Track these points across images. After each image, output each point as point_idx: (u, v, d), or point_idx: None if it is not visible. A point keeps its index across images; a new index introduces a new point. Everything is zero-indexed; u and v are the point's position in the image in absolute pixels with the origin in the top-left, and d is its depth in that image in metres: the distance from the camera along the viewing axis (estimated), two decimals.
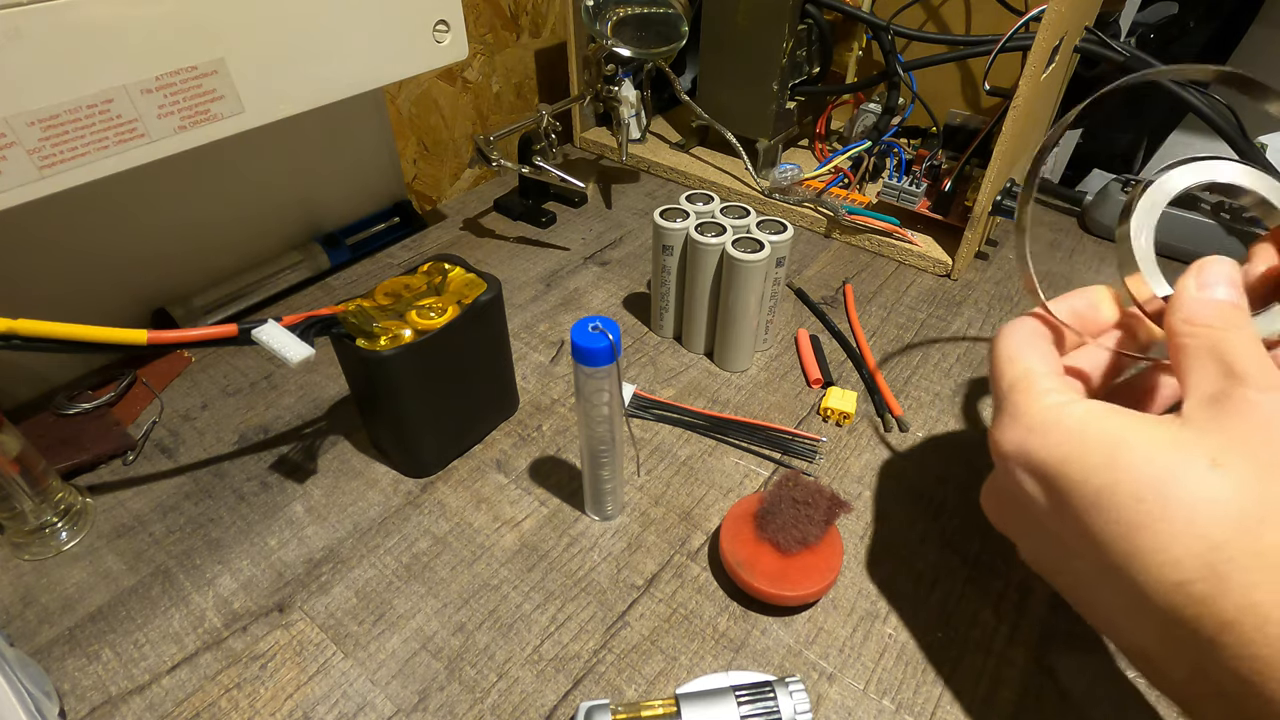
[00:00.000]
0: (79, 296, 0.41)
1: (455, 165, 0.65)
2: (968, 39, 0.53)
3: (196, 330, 0.28)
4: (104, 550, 0.33)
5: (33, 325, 0.25)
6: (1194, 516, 0.19)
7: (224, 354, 0.44)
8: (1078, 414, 0.22)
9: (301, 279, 0.50)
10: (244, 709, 0.27)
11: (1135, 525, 0.20)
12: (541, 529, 0.34)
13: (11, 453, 0.30)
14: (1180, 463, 0.20)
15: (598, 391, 0.28)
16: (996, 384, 0.26)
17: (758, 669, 0.29)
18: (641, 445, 0.38)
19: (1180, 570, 0.19)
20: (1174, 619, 0.19)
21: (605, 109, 0.59)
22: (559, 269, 0.52)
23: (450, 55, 0.44)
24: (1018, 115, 0.44)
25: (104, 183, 0.31)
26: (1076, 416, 0.22)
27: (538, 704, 0.27)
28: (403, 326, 0.31)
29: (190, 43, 0.32)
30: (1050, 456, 0.22)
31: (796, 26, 0.55)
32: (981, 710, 0.27)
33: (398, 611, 0.30)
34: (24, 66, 0.28)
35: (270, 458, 0.37)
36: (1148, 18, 0.59)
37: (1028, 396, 0.24)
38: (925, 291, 0.50)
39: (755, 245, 0.38)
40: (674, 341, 0.45)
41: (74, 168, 0.30)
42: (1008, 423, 0.24)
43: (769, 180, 0.59)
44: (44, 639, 0.29)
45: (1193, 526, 0.19)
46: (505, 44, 0.64)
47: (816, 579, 0.29)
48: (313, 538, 0.33)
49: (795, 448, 0.38)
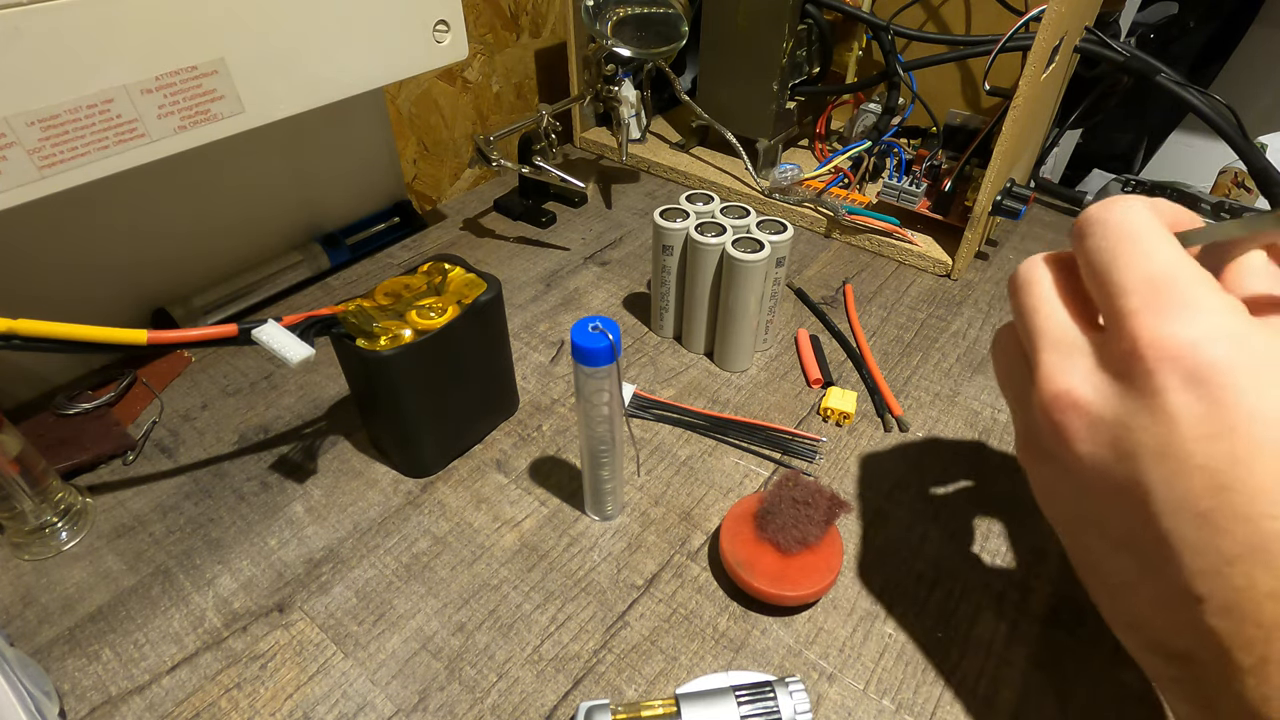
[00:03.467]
0: (79, 296, 0.41)
1: (455, 165, 0.65)
2: (968, 39, 0.53)
3: (196, 330, 0.28)
4: (104, 550, 0.33)
5: (33, 325, 0.25)
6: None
7: (224, 354, 0.44)
8: (1271, 334, 0.18)
9: (301, 279, 0.50)
10: (244, 709, 0.27)
11: None
12: (541, 529, 0.34)
13: (11, 453, 0.30)
14: None
15: (598, 391, 0.28)
16: (1134, 265, 0.20)
17: (758, 669, 0.29)
18: (641, 445, 0.38)
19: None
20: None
21: (605, 109, 0.59)
22: (559, 269, 0.52)
23: (450, 55, 0.44)
24: (1018, 115, 0.44)
25: (104, 183, 0.31)
26: (1272, 336, 0.18)
27: (538, 704, 0.27)
28: (403, 326, 0.31)
29: (190, 43, 0.32)
30: (1238, 367, 0.18)
31: (796, 26, 0.55)
32: (981, 710, 0.27)
33: (398, 611, 0.31)
34: (24, 66, 0.28)
35: (270, 458, 0.37)
36: (1148, 18, 0.59)
37: (1209, 293, 0.19)
38: (925, 291, 0.50)
39: (755, 245, 0.38)
40: (674, 341, 0.45)
41: (74, 168, 0.30)
42: (1176, 314, 0.18)
43: (769, 180, 0.59)
44: (44, 639, 0.29)
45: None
46: (505, 44, 0.64)
47: (816, 579, 0.29)
48: (313, 538, 0.33)
49: (795, 448, 0.38)
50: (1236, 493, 0.18)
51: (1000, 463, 0.37)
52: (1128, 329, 0.19)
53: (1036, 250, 0.25)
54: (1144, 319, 0.19)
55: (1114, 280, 0.20)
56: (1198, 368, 0.18)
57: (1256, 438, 0.18)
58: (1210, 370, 0.18)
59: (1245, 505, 0.18)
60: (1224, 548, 0.18)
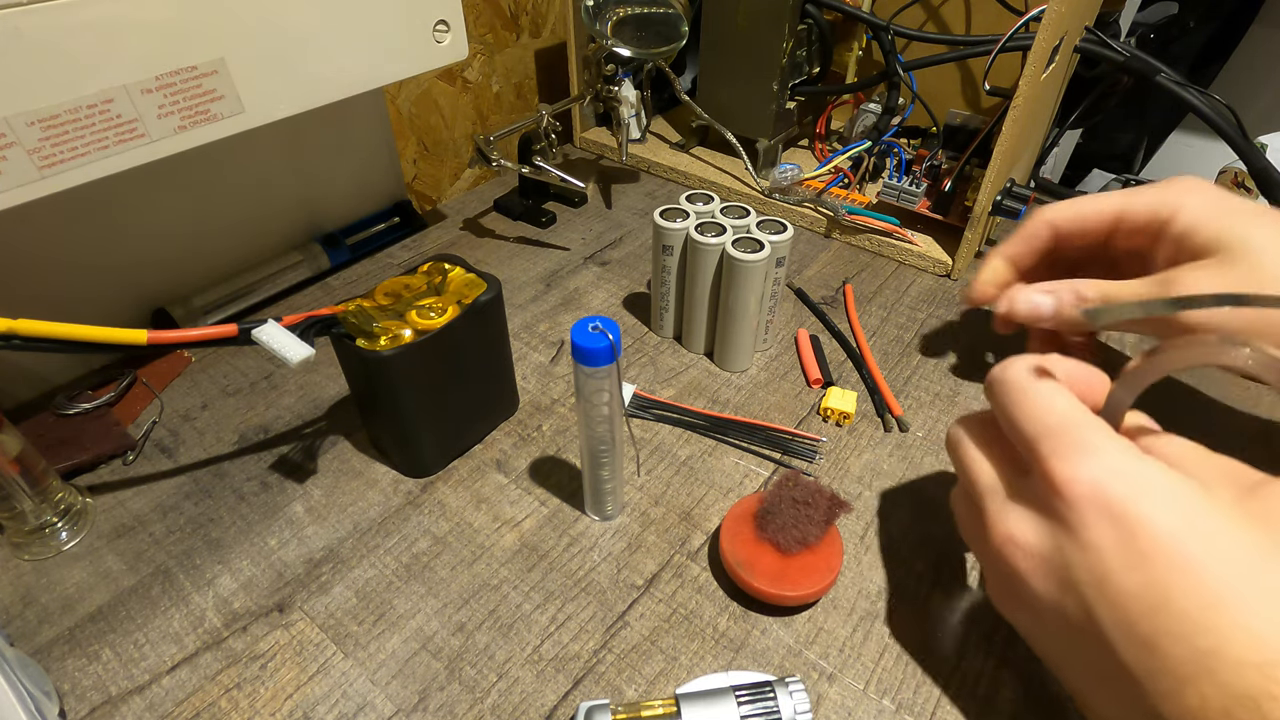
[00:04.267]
0: (79, 296, 0.41)
1: (455, 165, 0.65)
2: (968, 39, 0.53)
3: (196, 330, 0.28)
4: (104, 550, 0.33)
5: (33, 325, 0.25)
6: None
7: (224, 354, 0.44)
8: (1161, 469, 0.21)
9: (301, 279, 0.50)
10: (244, 709, 0.27)
11: (1214, 604, 0.19)
12: (541, 529, 0.34)
13: (11, 453, 0.30)
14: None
15: (598, 391, 0.28)
16: (1033, 418, 0.23)
17: (758, 669, 0.29)
18: (641, 445, 0.38)
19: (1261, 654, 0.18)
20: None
21: (605, 109, 0.59)
22: (559, 269, 0.52)
23: (450, 55, 0.44)
24: (1018, 115, 0.44)
25: (104, 183, 0.31)
26: (1162, 471, 0.21)
27: (538, 704, 0.27)
28: (403, 326, 0.31)
29: (190, 43, 0.32)
30: (1139, 498, 0.20)
31: (796, 26, 0.55)
32: (981, 710, 0.27)
33: (398, 611, 0.30)
34: (24, 66, 0.28)
35: (270, 458, 0.37)
36: (1148, 18, 0.59)
37: (1099, 434, 0.22)
38: (925, 291, 0.50)
39: (755, 245, 0.38)
40: (674, 341, 0.45)
41: (74, 168, 0.30)
42: (1079, 457, 0.21)
43: (769, 180, 0.59)
44: (44, 639, 0.29)
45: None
46: (505, 44, 0.64)
47: (816, 579, 0.29)
48: (313, 538, 0.33)
49: (795, 448, 0.38)
50: (1167, 614, 0.19)
51: None
52: (1044, 471, 0.22)
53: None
54: (1054, 463, 0.22)
55: (1023, 431, 0.23)
56: (1108, 503, 0.20)
57: (1166, 561, 0.19)
58: (1120, 505, 0.20)
59: (1177, 625, 0.19)
60: (1173, 670, 0.19)
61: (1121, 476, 0.21)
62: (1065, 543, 0.21)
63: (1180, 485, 0.20)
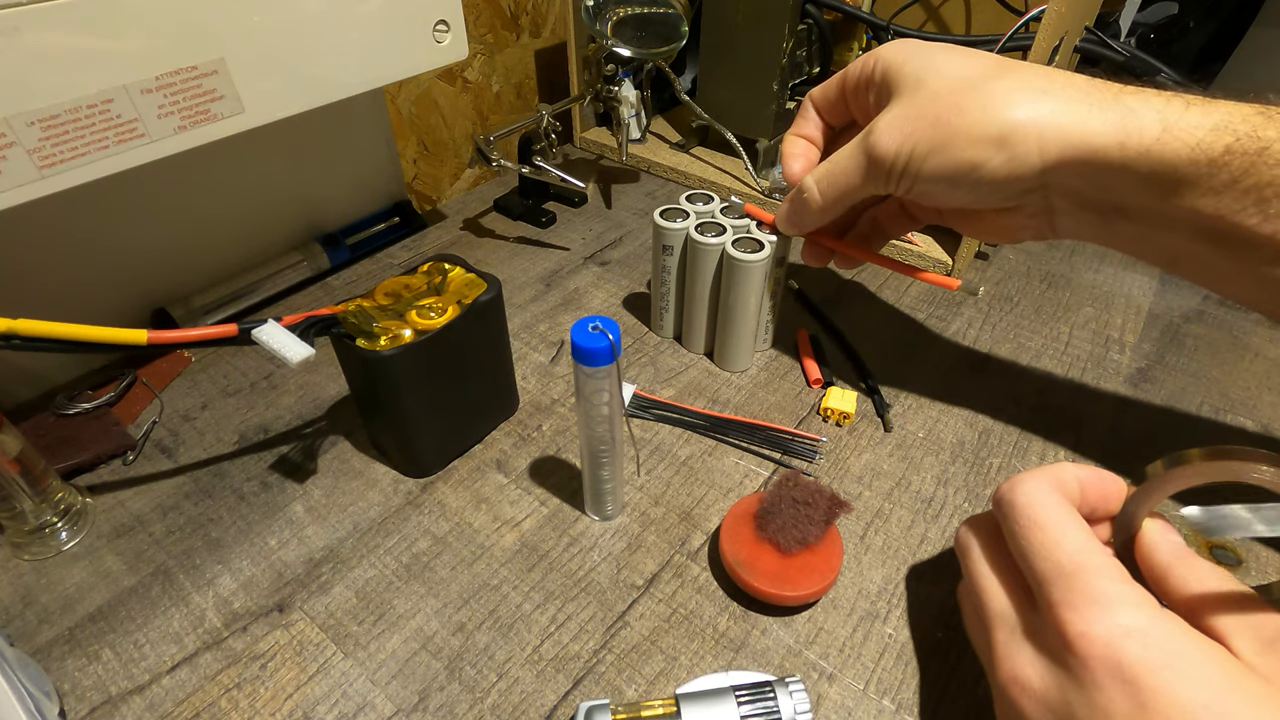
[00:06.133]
0: (79, 296, 0.41)
1: (455, 165, 0.65)
2: (968, 39, 0.53)
3: (196, 330, 0.28)
4: (104, 550, 0.33)
5: (33, 325, 0.25)
6: None
7: (224, 354, 0.44)
8: (1178, 631, 0.20)
9: (301, 279, 0.50)
10: (244, 709, 0.27)
11: None
12: (541, 529, 0.34)
13: (11, 453, 0.30)
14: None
15: (598, 391, 0.28)
16: (1044, 556, 0.23)
17: (758, 669, 0.29)
18: (641, 445, 0.38)
19: None
20: None
21: (605, 109, 0.59)
22: (559, 269, 0.52)
23: (450, 55, 0.44)
24: None
25: (104, 183, 0.31)
26: (1178, 635, 0.20)
27: (538, 704, 0.27)
28: (403, 326, 0.31)
29: (190, 43, 0.32)
30: (1154, 665, 0.19)
31: (796, 26, 0.55)
32: (981, 710, 0.27)
33: (398, 611, 0.30)
34: (24, 66, 0.28)
35: (270, 458, 0.37)
36: (1148, 18, 0.59)
37: (1114, 584, 0.21)
38: (925, 291, 0.50)
39: (755, 245, 0.38)
40: (674, 341, 0.45)
41: (74, 168, 0.30)
42: (1092, 611, 0.21)
43: (769, 180, 0.59)
44: (44, 639, 0.29)
45: None
46: (505, 44, 0.64)
47: (816, 579, 0.29)
48: (313, 538, 0.33)
49: (795, 448, 0.38)
50: None
51: (1000, 463, 0.37)
52: (1055, 621, 0.21)
53: (1036, 252, 0.25)
54: (1066, 613, 0.21)
55: (1034, 568, 0.23)
56: (1120, 665, 0.20)
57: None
58: (1133, 669, 0.20)
59: None
60: None
61: (1136, 638, 0.20)
62: (1074, 697, 0.21)
63: (1197, 653, 0.20)
